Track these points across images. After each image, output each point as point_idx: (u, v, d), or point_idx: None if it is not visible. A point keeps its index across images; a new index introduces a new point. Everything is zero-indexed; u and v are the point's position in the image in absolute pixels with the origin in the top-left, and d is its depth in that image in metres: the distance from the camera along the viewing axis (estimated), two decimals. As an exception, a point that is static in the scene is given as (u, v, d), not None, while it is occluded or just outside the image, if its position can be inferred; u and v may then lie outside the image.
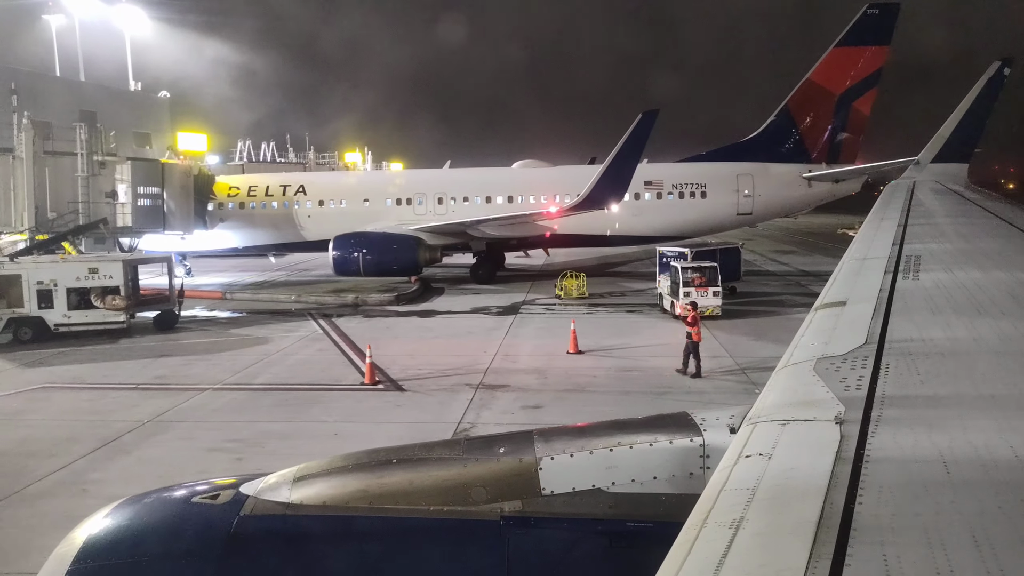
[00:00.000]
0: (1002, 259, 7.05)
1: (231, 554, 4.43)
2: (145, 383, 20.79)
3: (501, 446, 4.86)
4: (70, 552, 4.48)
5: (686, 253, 31.98)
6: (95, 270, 26.52)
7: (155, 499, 5.01)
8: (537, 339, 25.84)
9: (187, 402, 18.82)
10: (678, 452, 4.49)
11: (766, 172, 40.40)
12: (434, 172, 45.69)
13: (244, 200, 41.40)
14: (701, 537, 2.31)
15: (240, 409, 18.43)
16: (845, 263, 7.03)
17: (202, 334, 27.84)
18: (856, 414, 2.98)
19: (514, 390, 19.34)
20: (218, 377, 21.25)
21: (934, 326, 4.34)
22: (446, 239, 38.50)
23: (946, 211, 11.85)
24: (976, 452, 2.60)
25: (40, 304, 26.01)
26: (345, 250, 37.00)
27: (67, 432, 16.73)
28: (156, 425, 17.12)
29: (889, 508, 2.26)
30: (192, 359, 23.62)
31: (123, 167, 36.79)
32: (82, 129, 35.60)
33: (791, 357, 4.08)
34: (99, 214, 36.09)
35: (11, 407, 18.76)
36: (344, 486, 4.65)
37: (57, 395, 19.85)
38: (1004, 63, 18.73)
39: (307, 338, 26.60)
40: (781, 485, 2.54)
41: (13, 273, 26.09)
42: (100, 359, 23.90)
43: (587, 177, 41.70)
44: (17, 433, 16.77)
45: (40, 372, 22.24)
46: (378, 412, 17.92)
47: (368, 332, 27.18)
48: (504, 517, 4.39)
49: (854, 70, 40.30)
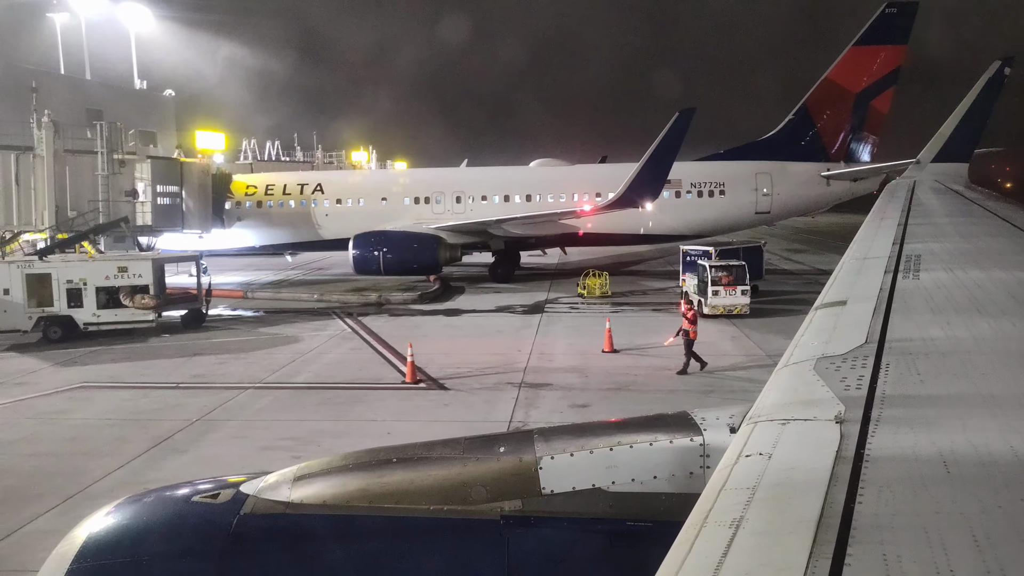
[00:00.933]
0: (1002, 259, 7.03)
1: (232, 553, 4.42)
2: (184, 382, 20.73)
3: (501, 445, 4.85)
4: (70, 551, 4.47)
5: (710, 252, 32.00)
6: (125, 269, 26.43)
7: (156, 498, 5.01)
8: (568, 338, 25.81)
9: (231, 401, 18.76)
10: (678, 451, 4.48)
11: (784, 171, 40.43)
12: (452, 171, 45.64)
13: (261, 199, 41.31)
14: (701, 536, 2.30)
15: (286, 407, 18.38)
16: (845, 262, 7.04)
17: (231, 333, 27.76)
18: (856, 413, 2.98)
19: (557, 389, 19.32)
20: (256, 376, 21.19)
21: (934, 326, 4.34)
22: (466, 238, 38.44)
23: (946, 211, 11.86)
24: (976, 451, 2.60)
25: (70, 303, 25.92)
26: (366, 249, 36.92)
27: (116, 432, 16.66)
28: (205, 424, 17.05)
29: (889, 507, 2.25)
30: (227, 358, 23.54)
31: (143, 166, 36.67)
32: (103, 127, 35.46)
33: (791, 356, 4.07)
34: (119, 213, 35.96)
35: (54, 406, 18.68)
36: (344, 485, 4.63)
37: (97, 394, 19.76)
38: (1004, 63, 18.76)
39: (337, 337, 26.54)
40: (781, 484, 2.54)
41: (43, 272, 25.99)
42: (134, 358, 23.82)
43: (606, 176, 41.83)
44: (66, 432, 16.70)
45: (76, 371, 22.15)
46: (425, 411, 17.88)
47: (397, 331, 27.12)
48: (504, 516, 4.38)
49: (872, 69, 40.36)
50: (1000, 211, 11.29)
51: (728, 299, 28.20)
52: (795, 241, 61.68)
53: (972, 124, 18.54)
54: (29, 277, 25.73)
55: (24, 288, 25.62)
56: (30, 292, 25.77)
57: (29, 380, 21.18)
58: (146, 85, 77.19)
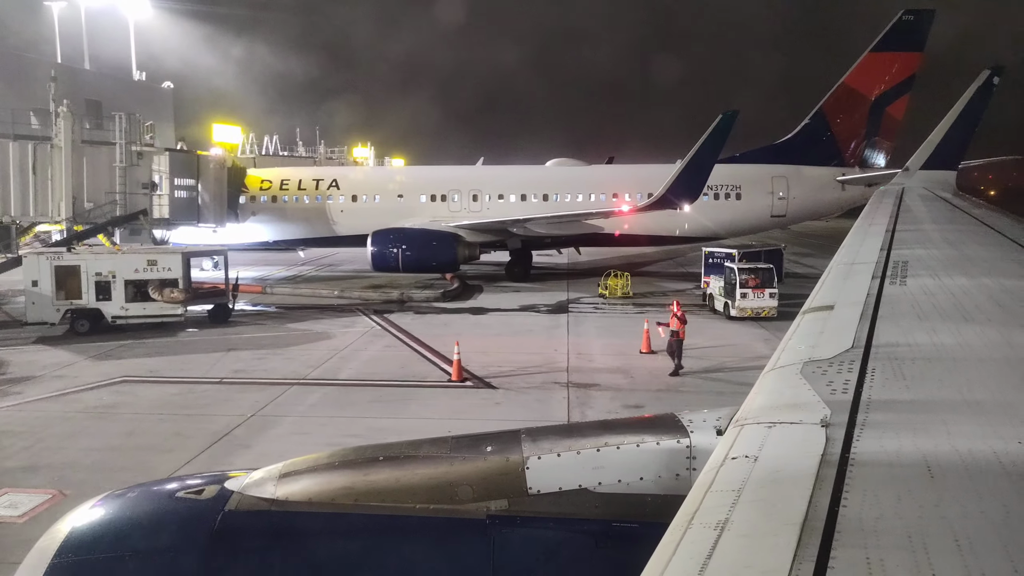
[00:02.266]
0: (988, 266, 7.08)
1: (215, 549, 4.37)
2: (227, 377, 20.55)
3: (488, 445, 4.83)
4: (52, 546, 4.39)
5: (734, 254, 32.14)
6: (154, 262, 26.17)
7: (140, 493, 4.96)
8: (602, 338, 25.81)
9: (280, 396, 18.62)
10: (665, 453, 4.49)
11: (800, 175, 40.64)
12: (468, 169, 45.52)
13: (276, 194, 41.08)
14: (686, 538, 2.31)
15: (337, 404, 18.27)
16: (833, 268, 7.09)
17: (259, 328, 27.54)
18: (842, 417, 3.01)
19: (606, 389, 19.31)
20: (298, 372, 21.04)
21: (920, 331, 4.39)
22: (485, 236, 38.37)
23: (934, 217, 11.95)
24: (960, 456, 2.63)
25: (98, 296, 25.63)
26: (384, 245, 36.78)
27: (172, 426, 16.49)
28: (261, 419, 16.91)
29: (873, 511, 2.27)
30: (263, 353, 23.36)
31: (160, 158, 36.36)
32: (121, 118, 35.12)
33: (778, 360, 4.09)
34: (135, 205, 35.67)
35: (101, 400, 18.47)
36: (330, 483, 4.61)
37: (141, 388, 19.55)
38: (993, 71, 18.95)
39: (368, 334, 26.40)
40: (767, 487, 2.56)
41: (72, 264, 25.69)
42: (168, 352, 23.59)
43: (624, 176, 41.92)
44: (120, 426, 16.51)
45: (112, 365, 21.90)
46: (479, 409, 17.81)
47: (426, 329, 27.02)
48: (490, 516, 4.37)
49: (888, 75, 40.63)
50: (986, 219, 11.43)
51: (756, 302, 28.30)
52: (801, 245, 61.99)
53: (961, 132, 18.70)
54: (58, 269, 25.43)
55: (53, 280, 25.32)
56: (58, 284, 25.48)
57: (67, 373, 20.91)
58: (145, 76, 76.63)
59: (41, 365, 21.78)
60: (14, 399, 18.48)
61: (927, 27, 40.23)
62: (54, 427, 16.43)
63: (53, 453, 14.94)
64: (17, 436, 15.83)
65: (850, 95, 41.01)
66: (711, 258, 33.51)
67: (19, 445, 15.29)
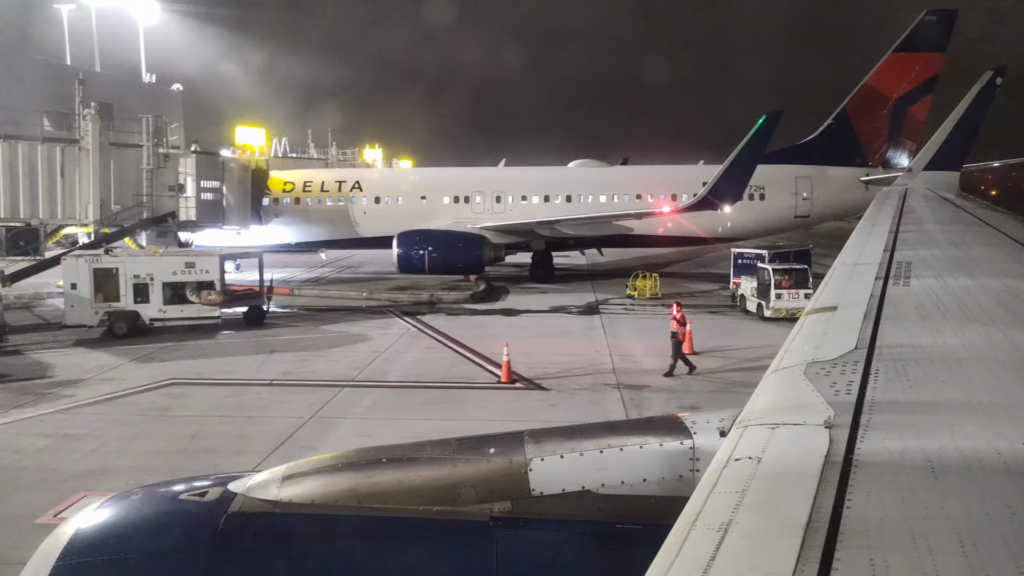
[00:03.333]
0: (992, 267, 7.06)
1: (219, 552, 4.40)
2: (276, 379, 20.52)
3: (491, 446, 4.84)
4: (56, 548, 4.41)
5: (764, 255, 32.12)
6: (192, 264, 26.16)
7: (143, 495, 4.98)
8: (640, 339, 25.77)
9: (335, 398, 18.59)
10: (668, 454, 4.49)
11: (824, 175, 40.65)
12: (491, 170, 45.51)
13: (299, 196, 41.06)
14: (690, 539, 2.32)
15: (393, 406, 18.25)
16: (837, 269, 7.09)
17: (295, 330, 27.51)
18: (845, 419, 3.01)
19: (658, 391, 19.30)
20: (346, 374, 21.00)
21: (924, 332, 4.38)
22: (511, 238, 38.36)
23: (937, 218, 11.95)
24: (964, 458, 2.62)
25: (136, 298, 25.60)
26: (410, 247, 36.77)
27: (233, 428, 16.47)
28: (320, 421, 16.88)
29: (877, 512, 2.27)
30: (306, 355, 23.33)
31: (187, 160, 36.30)
32: (148, 120, 35.08)
33: (781, 361, 4.09)
34: (162, 207, 35.63)
35: (155, 403, 18.44)
36: (333, 485, 4.63)
37: (193, 391, 19.52)
38: (996, 73, 19.01)
39: (406, 336, 26.36)
40: (770, 488, 2.56)
41: (110, 266, 25.66)
42: (211, 354, 23.55)
43: (648, 177, 41.92)
44: (181, 429, 16.48)
45: (157, 367, 21.85)
46: (536, 411, 17.77)
47: (462, 330, 26.99)
48: (493, 518, 4.38)
49: (910, 76, 40.65)
50: (990, 219, 11.42)
51: (791, 302, 28.25)
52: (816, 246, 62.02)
53: (964, 133, 18.76)
54: (96, 272, 25.39)
55: (91, 283, 25.28)
56: (96, 287, 25.44)
57: (113, 376, 20.87)
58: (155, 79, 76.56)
59: (86, 368, 21.73)
60: (66, 402, 18.43)
61: (950, 27, 40.27)
62: (114, 430, 16.40)
63: (120, 456, 14.90)
64: (80, 439, 15.80)
65: (873, 95, 41.02)
66: (740, 259, 33.49)
67: (85, 448, 15.25)
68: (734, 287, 32.80)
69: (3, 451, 15.15)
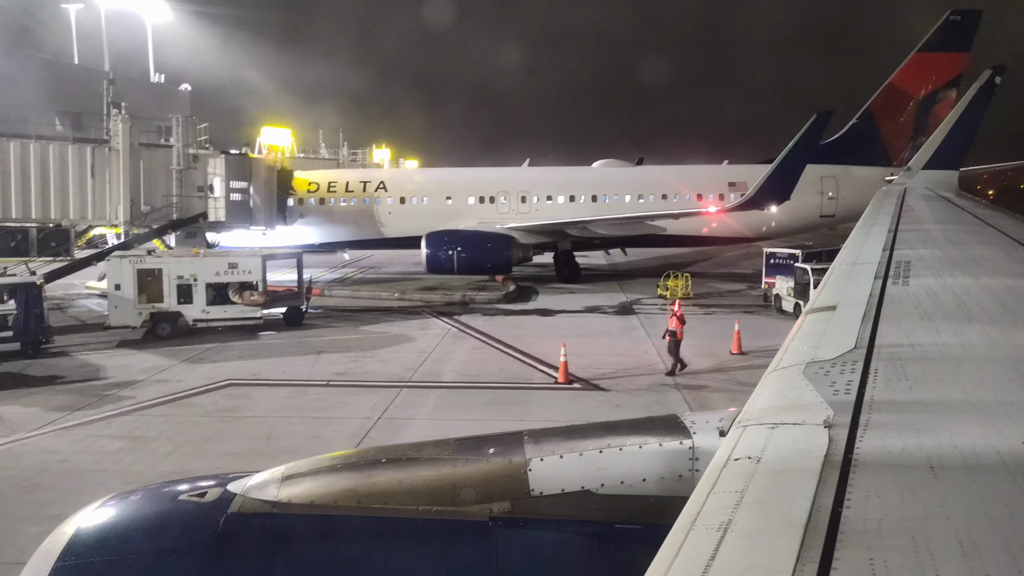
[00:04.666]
0: (991, 266, 7.06)
1: (218, 552, 4.42)
2: (332, 380, 20.49)
3: (491, 447, 4.85)
4: (56, 548, 4.43)
5: (797, 254, 32.17)
6: (235, 265, 26.13)
7: (143, 495, 4.99)
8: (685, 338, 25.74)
9: (397, 399, 18.57)
10: (667, 454, 4.49)
11: (849, 175, 40.75)
12: (516, 170, 45.55)
13: (324, 196, 41.03)
14: (689, 539, 2.32)
15: (458, 406, 18.24)
16: (835, 268, 7.10)
17: (335, 331, 27.47)
18: (845, 418, 3.01)
19: (717, 391, 19.31)
20: (400, 374, 20.99)
21: (923, 332, 4.37)
22: (539, 238, 38.38)
23: (936, 217, 11.92)
24: (963, 457, 2.63)
25: (179, 299, 25.56)
26: (439, 248, 36.77)
27: (305, 429, 16.44)
28: (389, 423, 16.85)
29: (876, 512, 2.27)
30: (354, 356, 23.30)
31: (216, 161, 36.21)
32: (178, 121, 35.00)
33: (781, 361, 4.09)
34: (191, 208, 35.54)
35: (218, 403, 18.41)
36: (332, 485, 4.63)
37: (253, 392, 19.49)
38: (995, 72, 19.06)
39: (448, 336, 26.34)
40: (769, 488, 2.56)
41: (154, 267, 25.61)
42: (260, 355, 23.52)
43: (672, 178, 41.95)
44: (253, 429, 16.46)
45: (210, 368, 21.83)
46: (602, 412, 17.77)
47: (502, 330, 26.99)
48: (493, 518, 4.39)
49: (935, 75, 40.79)
50: (989, 218, 11.41)
51: (829, 302, 28.29)
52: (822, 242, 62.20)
53: (963, 132, 18.80)
54: (140, 272, 25.34)
55: (135, 283, 25.23)
56: (140, 287, 25.39)
57: (168, 377, 20.83)
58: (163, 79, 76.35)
59: (138, 369, 21.68)
60: (128, 403, 18.39)
61: (974, 27, 40.41)
62: (185, 431, 16.36)
63: (198, 458, 14.86)
64: (153, 441, 15.77)
65: (897, 95, 41.17)
66: (772, 259, 33.54)
67: (161, 450, 15.22)
68: (767, 287, 32.85)
69: (80, 453, 15.10)
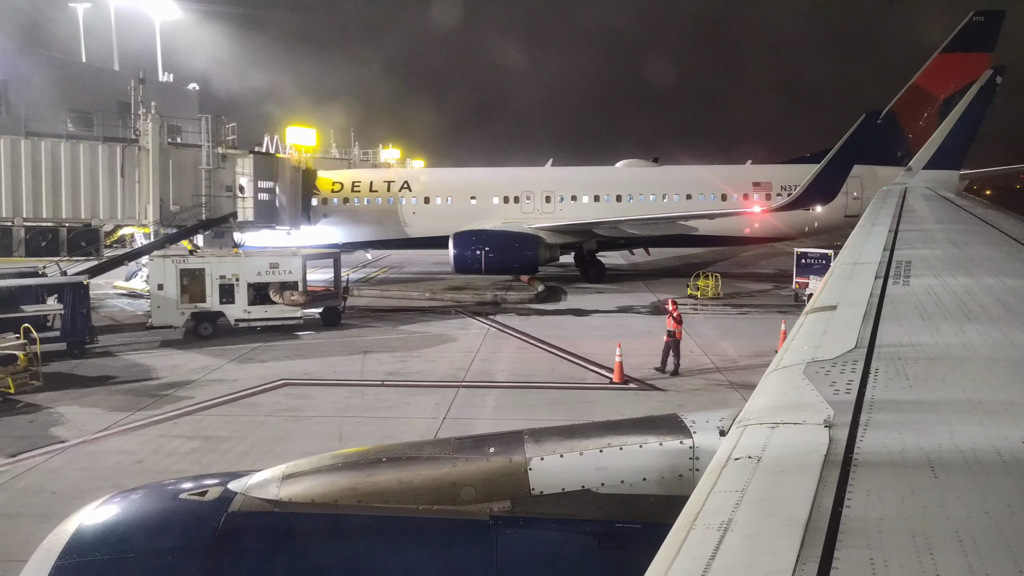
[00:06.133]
0: (992, 266, 7.06)
1: (219, 551, 4.43)
2: (387, 380, 20.46)
3: (491, 446, 4.87)
4: (56, 547, 4.44)
5: (828, 255, 32.24)
6: (276, 265, 26.09)
7: (144, 494, 5.01)
8: (724, 339, 25.84)
9: (456, 399, 18.56)
10: (667, 454, 4.51)
11: (873, 175, 40.72)
12: (540, 170, 45.56)
13: (348, 196, 40.97)
14: (690, 538, 2.32)
15: (520, 406, 18.23)
16: (836, 268, 7.12)
17: (375, 331, 27.42)
18: (845, 418, 3.02)
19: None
20: (451, 374, 20.98)
21: (923, 331, 4.39)
22: (566, 238, 38.39)
23: (937, 217, 11.96)
24: (963, 456, 2.63)
25: (222, 299, 25.50)
26: (467, 248, 36.74)
27: (374, 429, 16.41)
28: (455, 422, 16.82)
29: (877, 511, 2.28)
30: (401, 356, 23.27)
31: (244, 160, 36.13)
32: (207, 120, 34.93)
33: (781, 360, 4.10)
34: (219, 208, 35.45)
35: (280, 403, 18.38)
36: (333, 484, 4.64)
37: (310, 391, 19.45)
38: (996, 71, 19.15)
39: (489, 336, 26.32)
40: (770, 487, 2.57)
41: (197, 267, 25.56)
42: (307, 355, 23.48)
43: (696, 177, 42.04)
44: (323, 429, 16.44)
45: (261, 368, 21.78)
46: (669, 411, 17.76)
47: (542, 330, 26.99)
48: (493, 517, 4.40)
49: (958, 76, 40.79)
50: (989, 218, 11.43)
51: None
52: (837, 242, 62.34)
53: (964, 132, 18.86)
54: (183, 272, 25.28)
55: (178, 283, 25.18)
56: (182, 288, 25.34)
57: (222, 377, 20.78)
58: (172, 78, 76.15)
59: (188, 369, 21.63)
60: (188, 403, 18.34)
61: (997, 28, 40.54)
62: (254, 431, 16.34)
63: (275, 458, 14.69)
64: (226, 441, 15.74)
65: (920, 95, 41.31)
66: (804, 258, 33.63)
67: (236, 450, 15.19)
68: (798, 287, 32.92)
69: (155, 454, 15.07)
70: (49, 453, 15.14)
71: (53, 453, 15.15)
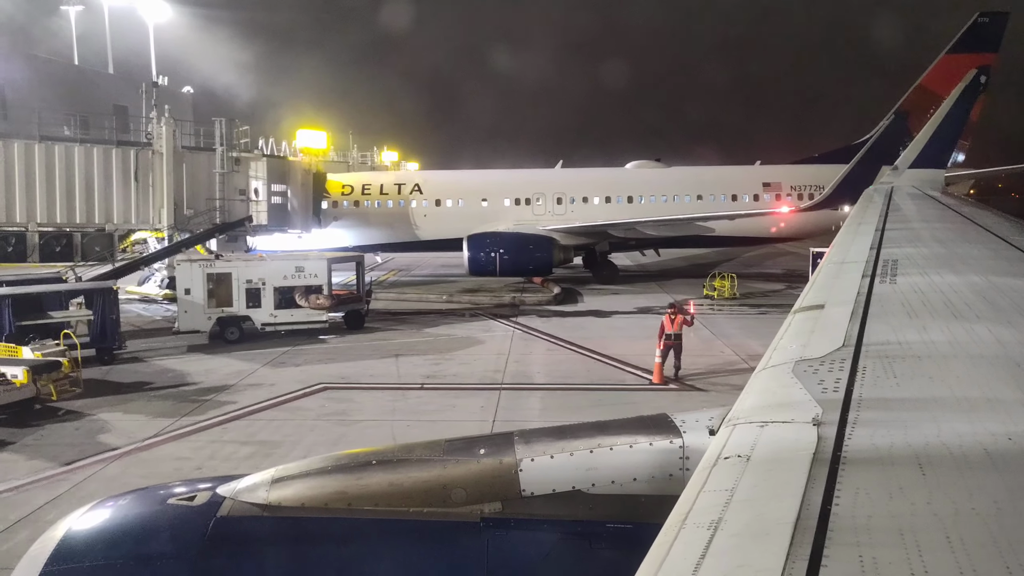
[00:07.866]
0: (977, 263, 7.09)
1: (208, 555, 4.44)
2: (426, 383, 20.41)
3: (481, 447, 4.89)
4: (43, 553, 4.43)
5: (844, 254, 32.52)
6: (301, 269, 25.99)
7: (132, 500, 5.00)
8: (750, 338, 25.84)
9: (502, 401, 18.53)
10: (658, 454, 4.52)
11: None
12: (551, 172, 45.59)
13: (359, 199, 40.86)
14: (680, 538, 2.33)
15: (567, 407, 18.27)
16: (823, 267, 7.19)
17: (400, 333, 27.35)
18: (833, 416, 3.04)
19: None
20: (487, 376, 20.96)
21: (910, 329, 4.42)
22: (579, 239, 38.45)
23: (923, 216, 12.04)
24: (951, 454, 2.65)
25: (248, 303, 25.37)
26: (481, 250, 36.73)
27: (427, 431, 16.22)
28: (507, 425, 16.65)
29: (865, 509, 2.29)
30: (435, 358, 23.22)
31: (258, 164, 35.97)
32: (221, 123, 34.73)
33: (770, 359, 4.15)
34: (233, 211, 35.26)
35: (325, 407, 18.30)
36: (323, 487, 4.63)
37: (353, 395, 19.38)
38: (980, 71, 19.41)
39: (516, 338, 26.30)
40: (759, 486, 2.59)
41: (224, 271, 25.41)
42: (338, 359, 23.39)
43: (706, 179, 42.24)
44: (376, 432, 16.37)
45: (297, 371, 21.69)
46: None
47: (566, 332, 27.00)
48: (484, 519, 4.41)
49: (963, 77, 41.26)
50: (975, 216, 11.54)
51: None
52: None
53: (949, 131, 19.09)
54: (210, 276, 25.14)
55: (204, 288, 25.03)
56: (209, 292, 25.19)
57: (259, 381, 20.66)
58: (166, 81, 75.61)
59: (223, 374, 21.49)
60: (232, 408, 18.23)
61: (1002, 29, 41.00)
62: (307, 435, 16.27)
63: (334, 462, 14.75)
64: (281, 445, 15.65)
65: (927, 96, 41.64)
66: (819, 259, 33.80)
67: (295, 454, 15.03)
68: (816, 287, 33.14)
69: (212, 459, 14.97)
70: (103, 461, 15.01)
71: (107, 461, 15.03)
